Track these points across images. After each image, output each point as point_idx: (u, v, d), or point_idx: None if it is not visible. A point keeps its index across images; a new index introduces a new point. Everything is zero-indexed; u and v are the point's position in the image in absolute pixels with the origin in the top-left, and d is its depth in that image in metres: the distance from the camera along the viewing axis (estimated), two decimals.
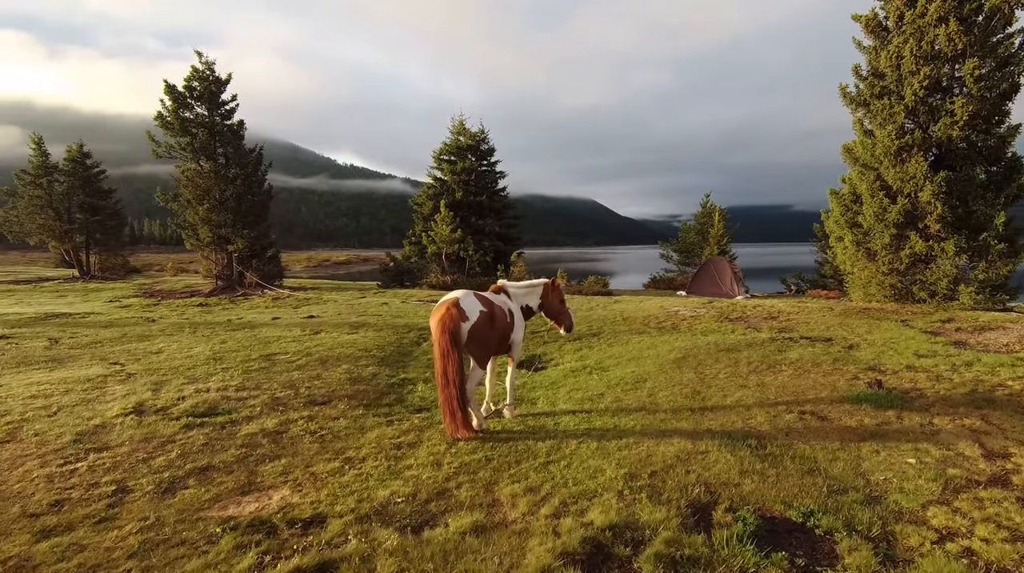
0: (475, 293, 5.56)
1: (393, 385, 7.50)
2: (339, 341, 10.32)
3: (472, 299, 5.40)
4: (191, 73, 20.66)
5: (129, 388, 6.71)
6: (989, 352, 8.65)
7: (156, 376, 7.38)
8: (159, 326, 12.19)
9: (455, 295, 5.42)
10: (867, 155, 14.09)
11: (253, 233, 21.00)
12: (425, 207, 25.19)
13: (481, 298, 5.49)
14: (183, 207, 20.83)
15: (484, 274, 24.03)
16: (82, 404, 6.03)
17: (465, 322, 5.20)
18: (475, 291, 5.76)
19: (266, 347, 9.63)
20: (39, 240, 30.24)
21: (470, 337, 5.24)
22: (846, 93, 14.75)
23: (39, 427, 5.27)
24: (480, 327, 5.30)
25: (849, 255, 14.85)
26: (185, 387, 6.79)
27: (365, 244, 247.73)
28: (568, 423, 5.76)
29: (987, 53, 12.78)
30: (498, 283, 6.28)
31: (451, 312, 5.15)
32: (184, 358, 8.62)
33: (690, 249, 26.22)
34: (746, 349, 9.46)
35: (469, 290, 5.69)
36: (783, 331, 11.21)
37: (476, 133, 25.83)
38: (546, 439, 5.19)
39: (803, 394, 6.64)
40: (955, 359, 8.13)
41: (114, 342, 10.10)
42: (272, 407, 6.13)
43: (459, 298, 5.34)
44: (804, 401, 6.35)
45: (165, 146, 20.39)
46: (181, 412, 5.78)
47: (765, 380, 7.40)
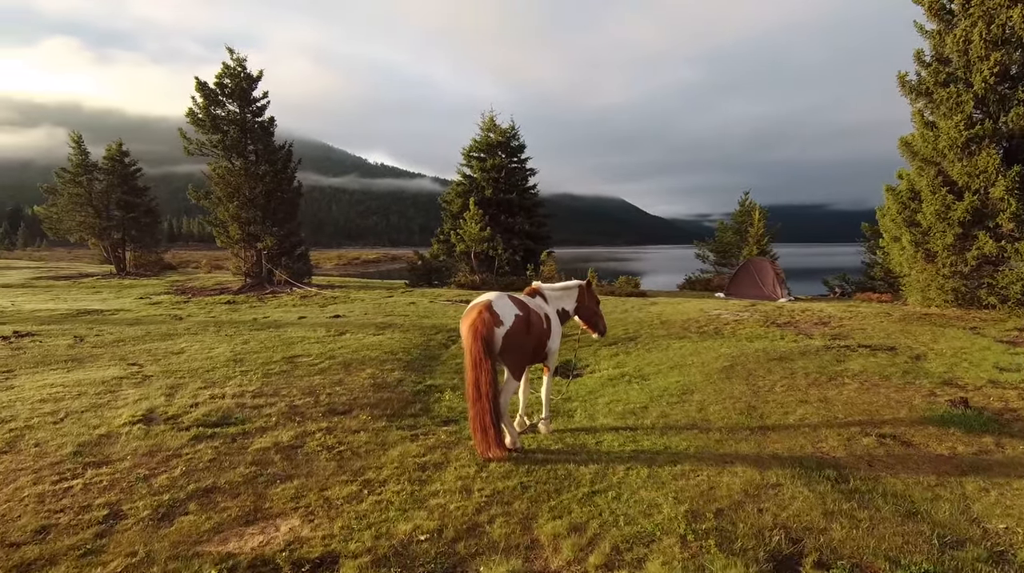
0: (509, 295, 5.00)
1: (419, 392, 7.00)
2: (364, 343, 9.90)
3: (507, 302, 4.84)
4: (222, 70, 20.64)
5: (142, 392, 6.35)
6: None
7: (173, 379, 7.04)
8: (185, 324, 11.99)
9: (488, 297, 4.87)
10: (928, 149, 13.03)
11: (282, 230, 20.89)
12: (454, 205, 24.77)
13: (516, 301, 4.93)
14: (214, 204, 20.85)
15: (513, 273, 23.50)
16: (91, 410, 5.68)
17: (499, 327, 4.64)
18: (509, 293, 5.21)
19: (289, 348, 9.26)
20: (79, 237, 30.92)
21: (505, 344, 4.69)
22: (905, 82, 13.69)
23: (41, 436, 4.92)
24: (516, 333, 4.74)
25: (907, 256, 13.80)
26: (200, 392, 6.41)
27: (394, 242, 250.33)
28: (612, 442, 5.14)
29: None
30: (533, 285, 5.71)
31: (484, 316, 4.60)
32: (204, 359, 8.29)
33: (727, 249, 25.16)
34: (800, 358, 8.68)
35: (503, 292, 5.14)
36: (837, 338, 10.35)
37: (506, 129, 25.29)
38: (588, 462, 4.60)
39: (876, 413, 5.88)
40: None
41: (137, 341, 9.87)
42: (289, 417, 5.68)
43: (492, 301, 4.78)
44: (879, 422, 5.60)
45: (196, 143, 20.41)
46: (192, 421, 5.37)
47: (828, 395, 6.65)
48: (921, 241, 13.24)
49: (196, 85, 20.06)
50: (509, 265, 23.33)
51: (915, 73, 13.65)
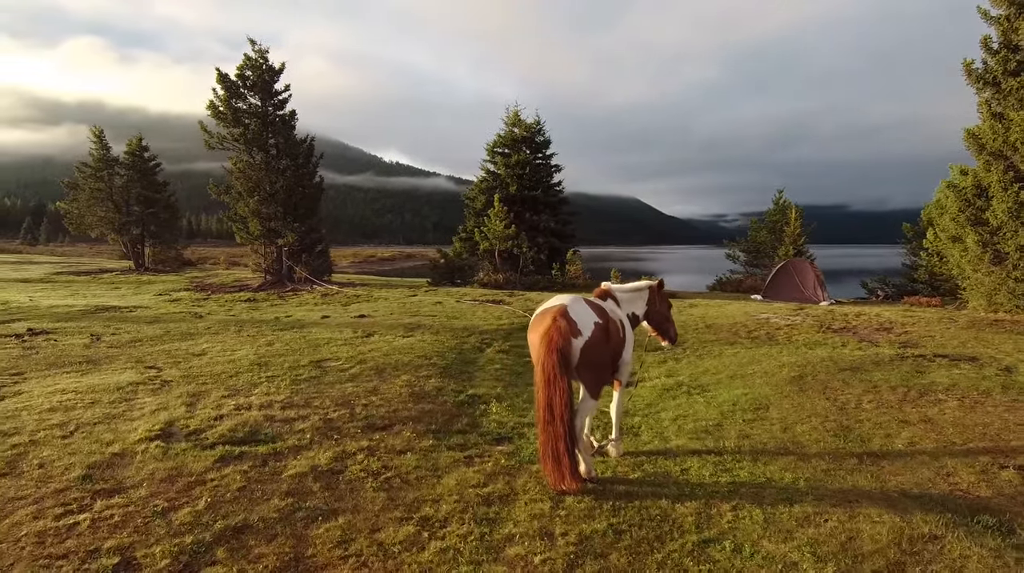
0: (585, 299, 4.29)
1: (462, 404, 6.32)
2: (394, 346, 9.25)
3: (584, 307, 4.13)
4: (244, 62, 20.16)
5: (161, 401, 5.74)
6: None
7: (194, 385, 6.42)
8: (205, 323, 11.44)
9: (561, 302, 4.15)
10: (998, 142, 12.08)
11: (303, 227, 20.37)
12: (478, 202, 24.07)
13: (593, 306, 4.22)
14: (234, 200, 20.39)
15: (538, 272, 22.76)
16: (104, 422, 5.06)
17: (577, 338, 3.93)
18: (583, 296, 4.50)
19: (316, 351, 8.63)
20: (99, 233, 30.76)
21: (583, 358, 3.97)
22: (971, 70, 12.73)
23: (47, 454, 4.30)
24: (595, 345, 4.02)
25: (970, 258, 12.84)
26: (224, 401, 5.77)
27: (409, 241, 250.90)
28: (699, 470, 4.41)
29: None
30: (602, 286, 4.99)
31: (559, 325, 3.89)
32: (226, 363, 7.68)
33: (760, 249, 24.18)
34: (875, 369, 7.86)
35: (575, 295, 4.42)
36: (907, 346, 9.49)
37: (531, 124, 24.52)
38: (682, 498, 3.87)
39: (999, 438, 5.08)
40: None
41: (155, 341, 9.31)
42: (324, 433, 5.02)
43: (567, 306, 4.07)
44: (1009, 449, 4.80)
45: (217, 137, 19.95)
46: (217, 437, 4.73)
47: (928, 414, 5.85)
48: (989, 241, 12.28)
49: (217, 77, 19.60)
50: (534, 264, 22.59)
51: (981, 61, 12.69)
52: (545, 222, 23.50)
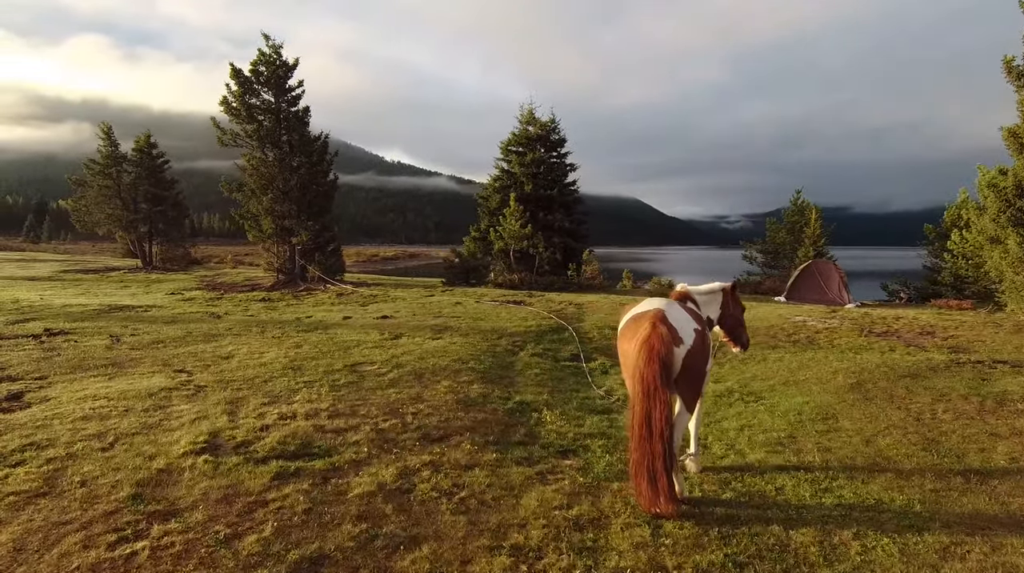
0: (678, 302, 3.93)
1: (512, 412, 5.96)
2: (425, 349, 8.89)
3: (681, 312, 3.77)
4: (257, 57, 19.79)
5: (199, 408, 5.38)
6: None
7: (229, 391, 6.06)
8: (225, 324, 11.08)
9: (656, 306, 3.80)
10: None
11: (317, 225, 20.01)
12: (492, 201, 23.69)
13: (691, 312, 3.87)
14: (247, 197, 20.02)
15: (553, 273, 22.40)
16: (142, 432, 4.70)
17: (679, 347, 3.57)
18: (676, 300, 4.15)
19: (347, 354, 8.27)
20: (107, 230, 30.42)
21: (684, 368, 3.62)
22: (1012, 67, 12.34)
23: (88, 469, 3.94)
24: (696, 353, 3.67)
25: (1011, 260, 12.45)
26: (266, 410, 5.41)
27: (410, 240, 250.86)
28: (795, 490, 4.05)
29: None
30: (680, 288, 4.63)
31: (660, 331, 3.53)
32: (257, 367, 7.32)
33: (779, 250, 23.79)
34: (935, 376, 7.49)
35: (665, 298, 4.06)
36: (958, 351, 9.13)
37: (546, 122, 24.14)
38: (792, 522, 3.51)
39: None
40: None
41: (178, 342, 8.96)
42: (380, 445, 4.66)
43: (664, 311, 3.71)
44: None
45: (230, 134, 19.59)
46: (267, 450, 4.37)
47: (1017, 425, 5.49)
48: None
49: (231, 72, 19.24)
50: (549, 264, 22.24)
51: (1022, 57, 12.30)
52: (560, 222, 23.14)
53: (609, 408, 6.45)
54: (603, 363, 8.83)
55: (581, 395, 6.93)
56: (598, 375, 8.17)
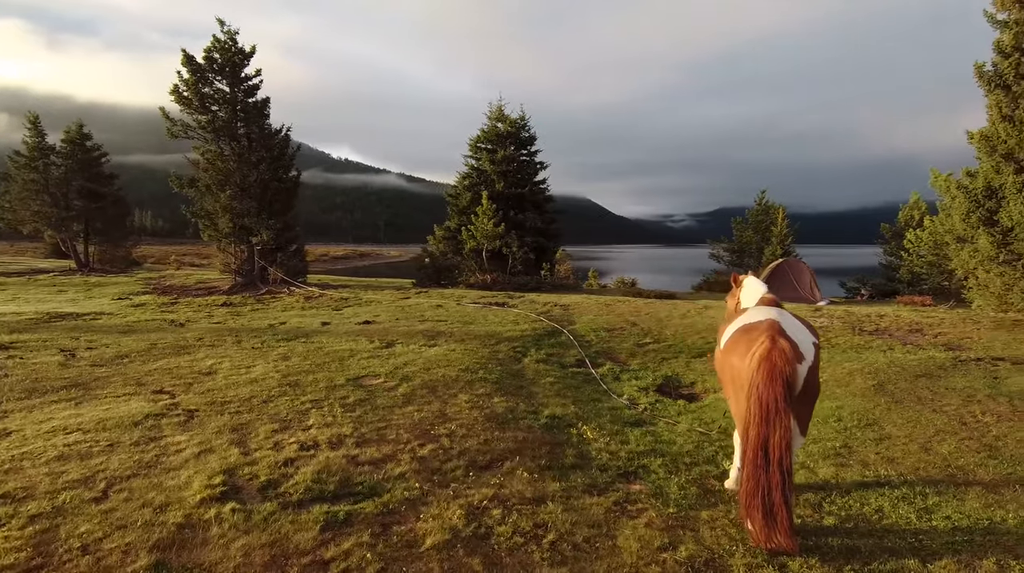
0: (791, 313, 3.55)
1: (548, 428, 5.47)
2: (425, 357, 8.26)
3: (796, 323, 3.39)
4: (211, 44, 18.38)
5: (200, 439, 4.60)
6: None
7: (227, 416, 5.28)
8: (192, 333, 10.04)
9: (769, 316, 3.40)
10: (1012, 143, 12.17)
11: (279, 224, 18.79)
12: (463, 199, 23.00)
13: (804, 322, 3.48)
14: (200, 194, 18.56)
15: (526, 272, 21.97)
16: (140, 474, 3.93)
17: (802, 363, 3.19)
18: (766, 306, 3.79)
19: (344, 367, 7.54)
20: (33, 229, 27.78)
21: (806, 386, 3.24)
22: (982, 73, 12.80)
23: (86, 530, 3.17)
24: (816, 369, 3.30)
25: (981, 258, 12.93)
26: (281, 438, 4.70)
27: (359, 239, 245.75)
28: (894, 510, 3.75)
29: None
30: (767, 295, 4.28)
31: (781, 347, 3.12)
32: (249, 384, 6.51)
33: (745, 249, 24.25)
34: (948, 375, 7.51)
35: (773, 307, 3.67)
36: (954, 349, 9.28)
37: (516, 119, 23.68)
38: (922, 554, 3.19)
39: None
40: None
41: (145, 356, 7.96)
42: (428, 477, 4.07)
43: (781, 323, 3.31)
44: None
45: (181, 125, 18.12)
46: (302, 492, 3.70)
47: None
48: (1003, 242, 12.38)
49: (183, 59, 17.76)
50: (522, 264, 21.79)
51: (992, 64, 12.78)
52: (532, 221, 22.74)
53: (641, 419, 6.06)
54: (612, 368, 8.46)
55: (606, 406, 6.52)
56: (611, 382, 7.79)
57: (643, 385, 7.61)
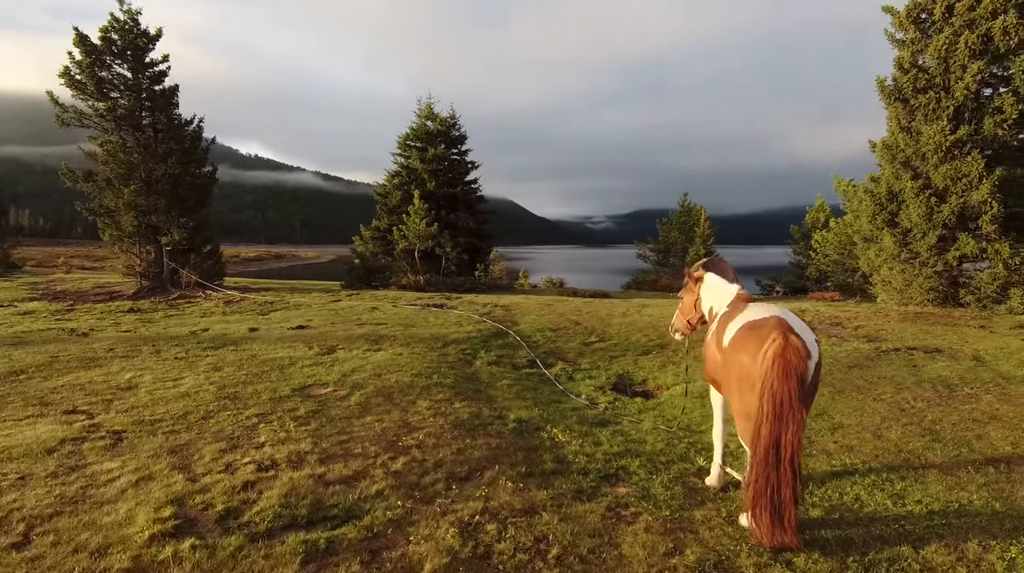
0: (789, 310, 3.55)
1: (518, 432, 5.28)
2: (373, 363, 7.82)
3: (798, 320, 3.40)
4: (109, 23, 16.59)
5: (135, 465, 4.00)
6: None
7: (160, 436, 4.66)
8: (100, 343, 8.94)
9: (774, 313, 3.38)
10: (909, 152, 13.40)
11: (191, 222, 17.29)
12: (392, 198, 22.27)
13: (800, 318, 3.50)
14: (99, 189, 16.70)
15: (460, 273, 21.65)
16: (66, 511, 3.33)
17: (810, 360, 3.19)
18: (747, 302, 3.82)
19: (285, 376, 6.95)
20: None
21: (812, 383, 3.25)
22: (884, 87, 14.03)
23: None
24: (820, 367, 3.33)
25: (885, 257, 14.15)
26: (232, 459, 4.18)
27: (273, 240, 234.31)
28: (872, 498, 3.89)
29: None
30: (743, 292, 4.32)
31: (795, 343, 3.11)
32: (179, 398, 5.82)
33: (670, 249, 25.25)
34: (874, 365, 8.07)
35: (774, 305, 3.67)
36: (873, 340, 10.01)
37: (446, 118, 23.28)
38: (912, 540, 3.29)
39: None
40: None
41: (46, 371, 6.96)
42: (408, 494, 3.75)
43: (788, 321, 3.31)
44: None
45: (74, 112, 16.23)
46: (270, 519, 3.27)
47: (987, 410, 5.94)
48: (903, 241, 13.59)
49: (75, 38, 15.91)
50: (456, 265, 21.45)
51: (892, 79, 14.02)
52: (464, 221, 22.44)
53: (605, 419, 6.03)
54: (564, 368, 8.41)
55: (568, 407, 6.42)
56: (566, 382, 7.73)
57: (598, 384, 7.60)
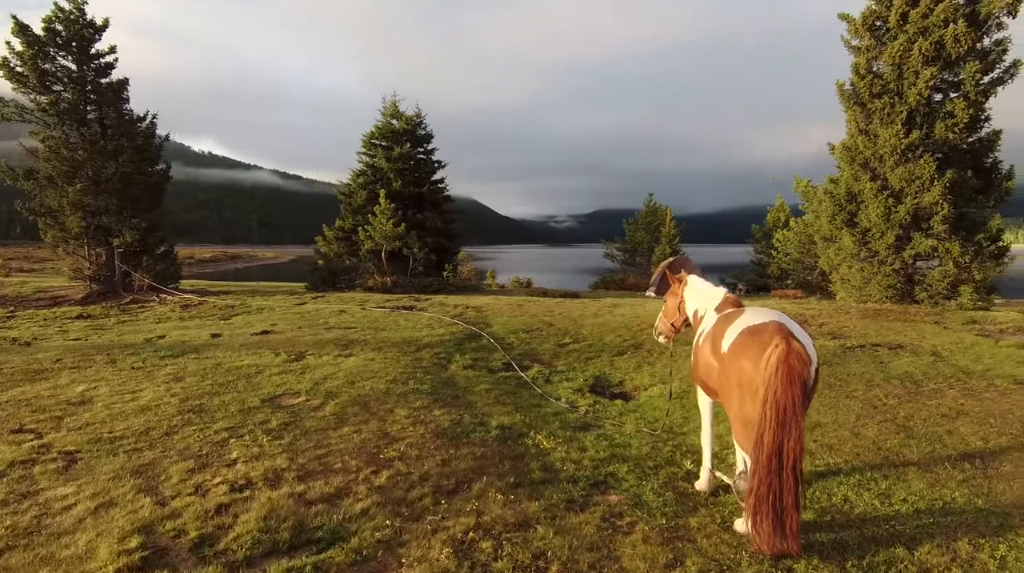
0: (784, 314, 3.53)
1: (502, 440, 5.16)
2: (345, 369, 7.56)
3: (795, 324, 3.37)
4: (53, 12, 15.64)
5: (94, 489, 3.69)
6: None
7: (121, 456, 4.33)
8: (46, 353, 8.37)
9: (772, 317, 3.35)
10: (867, 154, 13.87)
11: (144, 223, 16.47)
12: (357, 197, 21.73)
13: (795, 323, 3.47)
14: (40, 188, 15.71)
15: (428, 274, 21.32)
16: (20, 545, 3.02)
17: (811, 366, 3.17)
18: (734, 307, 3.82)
19: (253, 385, 6.63)
20: None
21: (813, 388, 3.23)
22: (843, 91, 14.48)
23: None
24: (818, 371, 3.31)
25: (844, 256, 14.60)
26: (203, 479, 3.91)
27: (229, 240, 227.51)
28: (859, 498, 3.92)
29: (980, 56, 13.01)
30: (730, 295, 4.30)
31: (797, 349, 3.07)
32: (139, 412, 5.46)
33: (636, 248, 25.52)
34: (842, 362, 8.30)
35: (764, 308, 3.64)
36: (838, 337, 10.29)
37: (412, 117, 22.88)
38: (905, 541, 3.32)
39: None
40: None
41: None
42: (395, 512, 3.57)
43: (787, 326, 3.28)
44: None
45: (14, 106, 15.24)
46: (249, 546, 3.05)
47: (952, 406, 6.14)
48: (862, 241, 14.06)
49: (14, 27, 14.92)
50: (424, 265, 21.11)
51: (850, 83, 14.48)
52: (432, 221, 22.11)
53: (587, 423, 5.97)
54: (541, 371, 8.32)
55: (549, 411, 6.33)
56: (543, 385, 7.64)
57: (576, 386, 7.54)
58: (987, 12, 12.72)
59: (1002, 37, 12.98)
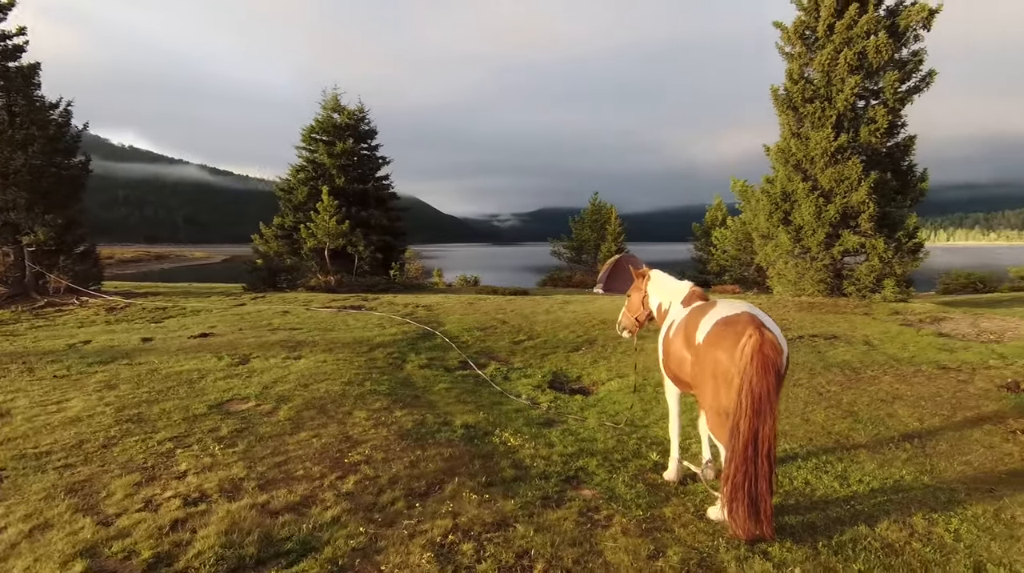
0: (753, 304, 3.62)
1: (468, 439, 5.07)
2: (295, 371, 7.23)
3: (767, 317, 3.45)
4: None
5: (24, 511, 3.32)
6: (1003, 343, 9.00)
7: (52, 472, 3.92)
8: None
9: (744, 309, 3.43)
10: (800, 155, 14.62)
11: (60, 220, 15.17)
12: (298, 194, 20.88)
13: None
14: None
15: (374, 273, 20.82)
16: None
17: (782, 356, 3.25)
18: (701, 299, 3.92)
19: (197, 391, 6.21)
20: None
21: (783, 378, 3.32)
22: (777, 96, 15.19)
23: None
24: (788, 360, 3.41)
25: (781, 252, 15.35)
26: (151, 493, 3.59)
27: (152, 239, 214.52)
28: (819, 481, 4.10)
29: (898, 66, 13.99)
30: (696, 288, 4.39)
31: (770, 338, 3.15)
32: (68, 424, 4.98)
33: (583, 246, 25.89)
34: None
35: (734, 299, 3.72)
36: None
37: (354, 111, 22.25)
38: (866, 519, 3.48)
39: (971, 405, 5.83)
40: (999, 352, 8.10)
41: None
42: (367, 518, 3.41)
43: (759, 317, 3.37)
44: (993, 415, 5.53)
45: None
46: (212, 563, 2.81)
47: (889, 390, 6.55)
48: (796, 238, 14.82)
49: None
50: (370, 264, 20.58)
51: (784, 89, 15.22)
52: (377, 218, 21.60)
53: (550, 418, 5.99)
54: (499, 368, 8.28)
55: (511, 408, 6.30)
56: (502, 382, 7.61)
57: (535, 383, 7.55)
58: (905, 24, 13.70)
59: (918, 48, 14.00)
